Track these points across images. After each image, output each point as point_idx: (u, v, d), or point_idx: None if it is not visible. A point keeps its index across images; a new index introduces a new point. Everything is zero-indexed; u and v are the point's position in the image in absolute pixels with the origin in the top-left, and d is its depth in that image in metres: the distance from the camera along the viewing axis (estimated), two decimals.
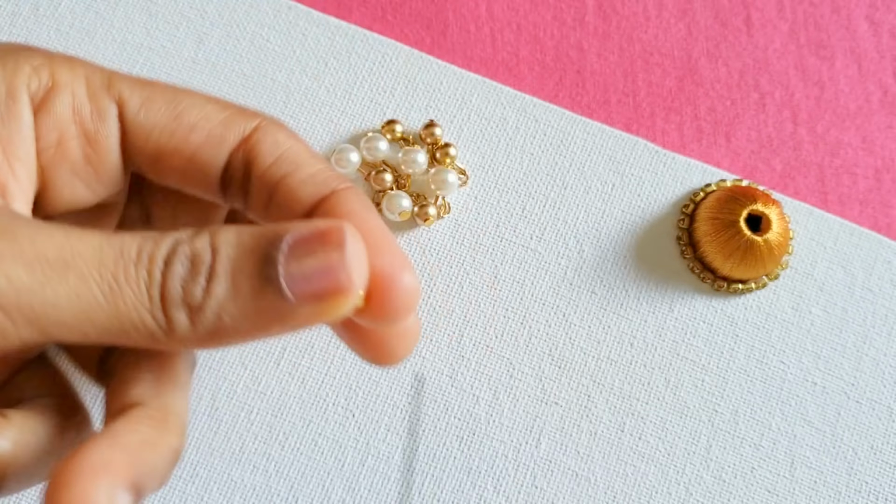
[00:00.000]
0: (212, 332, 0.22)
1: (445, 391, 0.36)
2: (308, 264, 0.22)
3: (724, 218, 0.36)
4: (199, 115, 0.26)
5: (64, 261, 0.21)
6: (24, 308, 0.21)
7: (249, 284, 0.22)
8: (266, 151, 0.26)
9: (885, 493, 0.35)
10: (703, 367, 0.37)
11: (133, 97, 0.26)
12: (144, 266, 0.22)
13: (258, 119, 0.27)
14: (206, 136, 0.26)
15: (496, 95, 0.40)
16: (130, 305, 0.22)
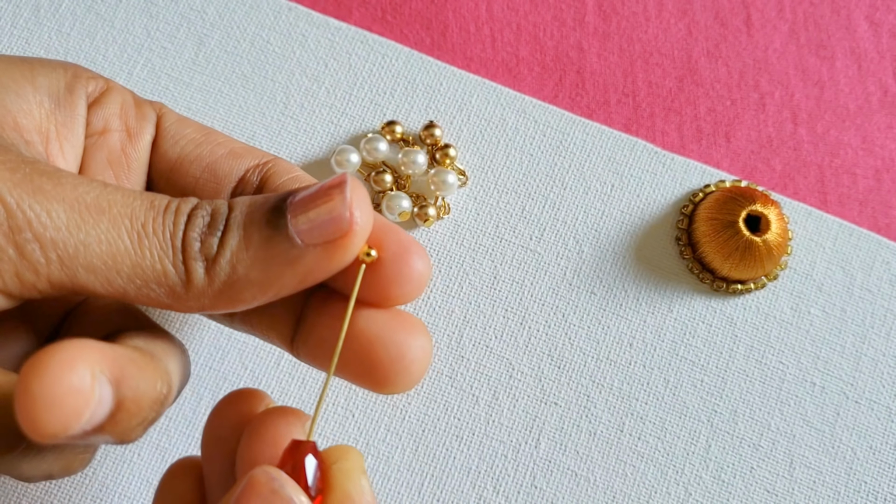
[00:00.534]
0: (227, 283, 0.23)
1: (445, 391, 0.36)
2: (314, 211, 0.23)
3: (723, 218, 0.36)
4: (225, 139, 0.29)
5: (99, 206, 0.23)
6: (58, 244, 0.22)
7: (260, 233, 0.23)
8: (282, 171, 0.28)
9: (883, 492, 0.35)
10: (702, 368, 0.37)
11: (171, 115, 0.30)
12: (171, 217, 0.23)
13: (274, 156, 0.30)
14: (228, 151, 0.29)
15: (496, 96, 0.40)
16: (155, 254, 0.23)
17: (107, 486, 0.34)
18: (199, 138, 0.29)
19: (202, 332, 0.36)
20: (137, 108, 0.29)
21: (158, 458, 0.35)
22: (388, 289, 0.25)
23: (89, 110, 0.28)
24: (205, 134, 0.29)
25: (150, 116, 0.29)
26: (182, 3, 0.40)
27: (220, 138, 0.30)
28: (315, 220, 0.23)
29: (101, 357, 0.21)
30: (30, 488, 0.34)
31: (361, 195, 0.23)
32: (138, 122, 0.29)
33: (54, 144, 0.27)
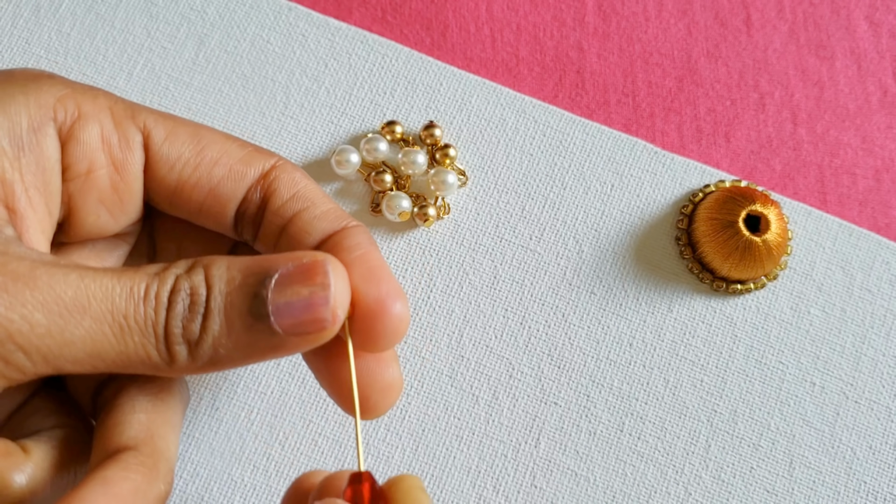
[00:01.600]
0: (209, 362, 0.24)
1: (445, 391, 0.36)
2: (294, 299, 0.23)
3: (722, 218, 0.36)
4: (221, 151, 0.28)
5: (81, 305, 0.23)
6: (42, 349, 0.22)
7: (241, 321, 0.24)
8: (283, 188, 0.28)
9: (883, 492, 0.35)
10: (701, 368, 0.37)
11: (157, 129, 0.27)
12: (151, 305, 0.23)
13: (275, 158, 0.28)
14: (227, 172, 0.28)
15: (496, 96, 0.40)
16: (138, 342, 0.23)
17: None
18: (194, 159, 0.28)
19: None
20: (120, 133, 0.27)
21: None
22: (367, 343, 0.26)
23: (65, 149, 0.26)
24: (199, 150, 0.28)
25: (136, 140, 0.27)
26: (182, 3, 0.40)
27: (216, 152, 0.28)
28: (297, 313, 0.23)
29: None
30: None
31: (341, 285, 0.24)
32: (124, 151, 0.27)
33: (21, 199, 0.25)
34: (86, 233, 0.28)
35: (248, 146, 0.29)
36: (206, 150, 0.28)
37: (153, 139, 0.27)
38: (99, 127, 0.27)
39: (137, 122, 0.27)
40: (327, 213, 0.28)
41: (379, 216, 0.38)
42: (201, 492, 0.34)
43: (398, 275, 0.37)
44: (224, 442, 0.35)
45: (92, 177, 0.27)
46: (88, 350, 0.23)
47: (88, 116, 0.26)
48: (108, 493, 0.23)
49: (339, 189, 0.38)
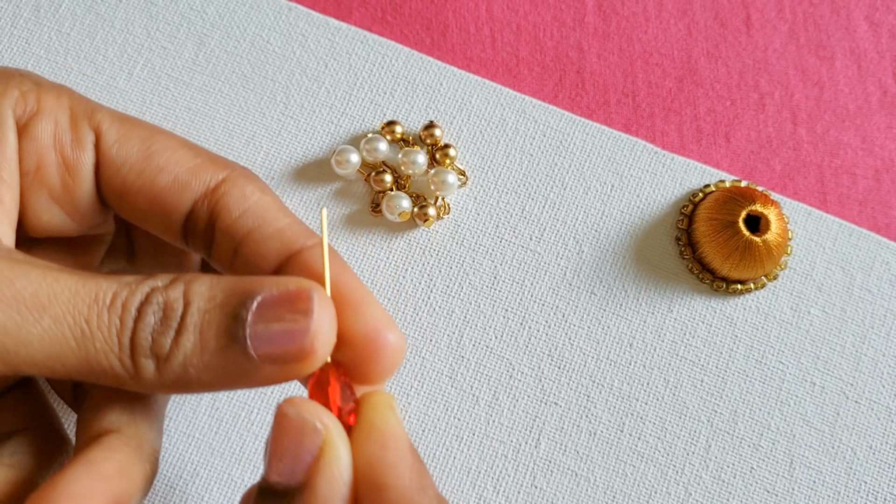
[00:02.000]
0: (176, 381, 0.23)
1: (445, 391, 0.36)
2: (274, 327, 0.22)
3: (722, 218, 0.36)
4: (170, 159, 0.26)
5: (39, 302, 0.21)
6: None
7: (216, 341, 0.22)
8: (232, 204, 0.26)
9: (883, 492, 0.35)
10: (702, 368, 0.37)
11: (111, 130, 0.26)
12: (117, 313, 0.22)
13: (227, 170, 0.27)
14: (171, 180, 0.26)
15: (496, 96, 0.40)
16: (100, 350, 0.22)
17: None
18: (140, 164, 0.26)
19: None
20: (73, 131, 0.26)
21: None
22: (362, 373, 0.24)
23: (20, 142, 0.26)
24: (147, 156, 0.26)
25: (88, 139, 0.26)
26: (182, 3, 0.40)
27: (165, 159, 0.26)
28: (276, 341, 0.22)
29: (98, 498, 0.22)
30: None
31: (326, 317, 0.23)
32: (75, 150, 0.26)
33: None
34: (42, 230, 0.27)
35: (203, 154, 0.27)
36: (155, 157, 0.26)
37: (105, 140, 0.26)
38: (53, 124, 0.26)
39: (93, 121, 0.26)
40: (281, 232, 0.26)
41: (379, 216, 0.38)
42: (201, 492, 0.34)
43: (398, 275, 0.37)
44: (224, 442, 0.35)
45: (41, 174, 0.26)
46: (47, 352, 0.22)
47: (46, 112, 0.26)
48: (92, 473, 0.22)
49: (339, 189, 0.38)
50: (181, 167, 0.26)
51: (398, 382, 0.36)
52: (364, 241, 0.38)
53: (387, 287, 0.37)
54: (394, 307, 0.37)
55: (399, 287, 0.37)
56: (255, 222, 0.26)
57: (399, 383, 0.36)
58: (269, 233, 0.26)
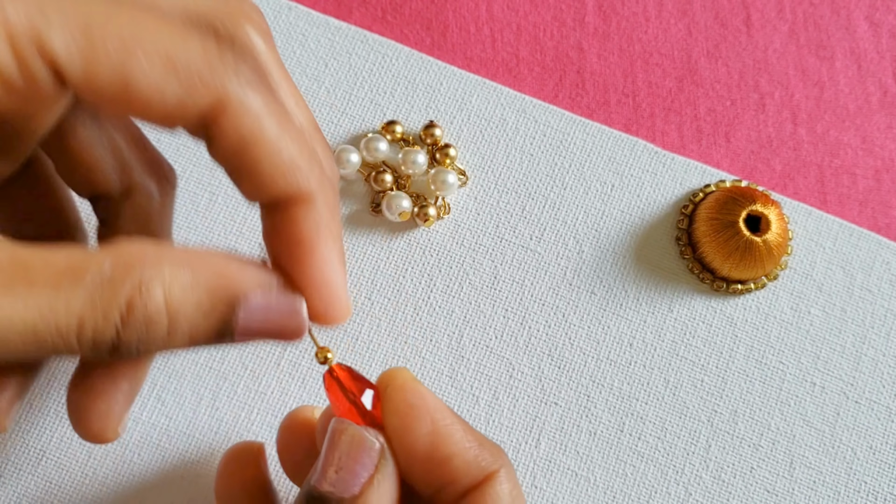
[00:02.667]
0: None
1: (445, 391, 0.36)
2: (261, 325, 0.23)
3: (723, 218, 0.36)
4: (151, 89, 0.22)
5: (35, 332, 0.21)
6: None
7: (205, 339, 0.23)
8: (226, 140, 0.23)
9: (883, 492, 0.35)
10: (702, 368, 0.37)
11: (72, 61, 0.21)
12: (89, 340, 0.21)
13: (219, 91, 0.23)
14: (159, 114, 0.23)
15: (496, 96, 0.40)
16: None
17: (107, 485, 0.34)
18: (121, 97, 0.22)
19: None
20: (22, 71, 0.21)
21: (158, 459, 0.35)
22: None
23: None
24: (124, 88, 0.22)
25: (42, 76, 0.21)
26: None
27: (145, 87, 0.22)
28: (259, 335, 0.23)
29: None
30: (29, 488, 0.34)
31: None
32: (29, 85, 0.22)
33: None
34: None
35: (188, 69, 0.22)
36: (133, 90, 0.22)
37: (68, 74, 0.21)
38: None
39: (45, 52, 0.21)
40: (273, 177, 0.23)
41: (379, 216, 0.38)
42: (201, 492, 0.34)
43: (398, 275, 0.37)
44: (224, 442, 0.35)
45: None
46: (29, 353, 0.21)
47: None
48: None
49: (339, 189, 0.38)
50: (166, 95, 0.22)
51: None
52: (364, 241, 0.38)
53: (387, 287, 0.37)
54: (394, 307, 0.37)
55: (399, 287, 0.37)
56: (249, 162, 0.23)
57: None
58: (263, 174, 0.24)
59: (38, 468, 0.34)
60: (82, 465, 0.34)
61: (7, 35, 0.21)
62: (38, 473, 0.34)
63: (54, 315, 0.20)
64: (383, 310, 0.37)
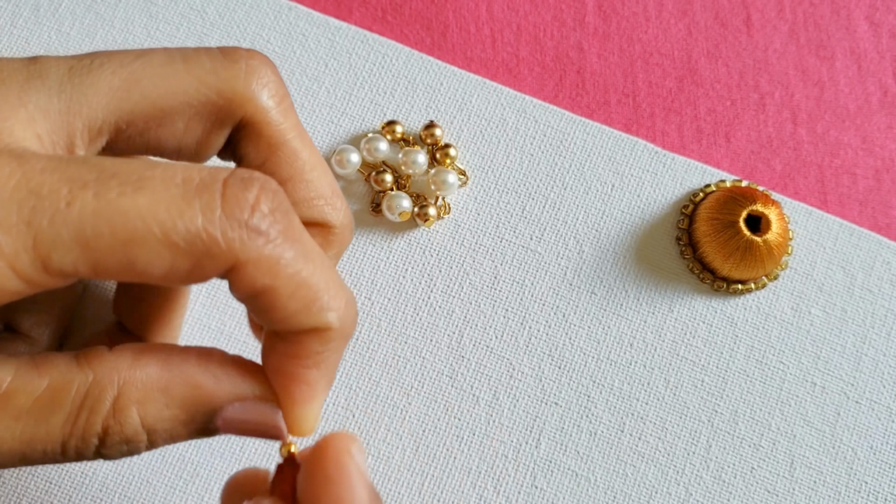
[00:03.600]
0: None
1: (445, 391, 0.36)
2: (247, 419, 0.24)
3: (723, 218, 0.36)
4: (162, 268, 0.21)
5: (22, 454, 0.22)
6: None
7: (189, 438, 0.24)
8: (245, 290, 0.22)
9: (884, 493, 0.35)
10: (702, 368, 0.37)
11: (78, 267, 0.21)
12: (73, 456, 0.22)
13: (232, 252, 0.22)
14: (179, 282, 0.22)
15: (496, 96, 0.40)
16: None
17: (107, 485, 0.34)
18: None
19: (202, 333, 0.36)
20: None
21: (159, 459, 0.35)
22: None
23: None
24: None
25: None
26: (182, 3, 0.40)
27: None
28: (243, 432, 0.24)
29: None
30: (29, 488, 0.34)
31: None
32: None
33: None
34: None
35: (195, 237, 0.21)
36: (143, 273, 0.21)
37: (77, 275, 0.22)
38: None
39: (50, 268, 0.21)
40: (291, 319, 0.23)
41: (379, 216, 0.38)
42: (201, 492, 0.34)
43: (398, 275, 0.37)
44: (224, 442, 0.35)
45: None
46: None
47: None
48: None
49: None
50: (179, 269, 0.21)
51: (399, 383, 0.36)
52: (364, 241, 0.38)
53: (387, 287, 0.37)
54: (394, 307, 0.37)
55: (399, 287, 0.37)
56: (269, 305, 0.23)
57: (399, 383, 0.36)
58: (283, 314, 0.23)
59: (38, 468, 0.34)
60: (82, 465, 0.34)
61: (8, 265, 0.20)
62: (37, 473, 0.34)
63: (39, 442, 0.22)
64: (383, 310, 0.37)
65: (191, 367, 0.23)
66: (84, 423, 0.22)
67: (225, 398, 0.23)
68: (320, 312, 0.23)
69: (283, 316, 0.23)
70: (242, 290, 0.22)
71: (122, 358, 0.23)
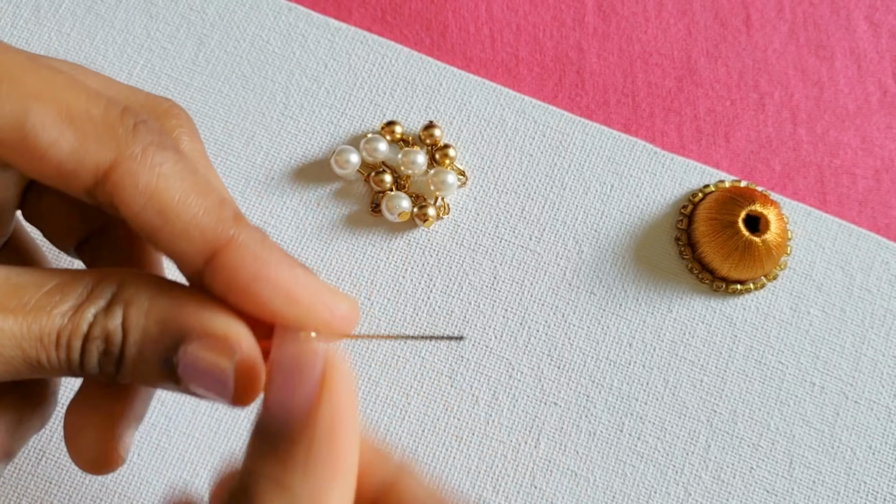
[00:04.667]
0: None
1: (445, 391, 0.36)
2: (201, 366, 0.23)
3: (722, 219, 0.36)
4: (48, 140, 0.22)
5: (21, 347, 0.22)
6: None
7: (151, 373, 0.23)
8: (128, 199, 0.22)
9: (883, 492, 0.35)
10: (701, 368, 0.37)
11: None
12: (64, 351, 0.23)
13: (117, 148, 0.22)
14: (56, 168, 0.22)
15: (495, 97, 0.40)
16: (50, 372, 0.23)
17: (107, 486, 0.34)
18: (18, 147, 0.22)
19: None
20: None
21: (158, 458, 0.35)
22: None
23: None
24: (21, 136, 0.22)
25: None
26: (182, 4, 0.40)
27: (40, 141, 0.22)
28: (203, 381, 0.23)
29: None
30: (29, 488, 0.34)
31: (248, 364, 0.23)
32: None
33: None
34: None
35: (85, 125, 0.22)
36: (30, 139, 0.22)
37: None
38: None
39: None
40: (191, 229, 0.23)
41: (379, 216, 0.38)
42: (201, 492, 0.34)
43: (398, 275, 0.37)
44: (224, 442, 0.35)
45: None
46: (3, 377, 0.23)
47: None
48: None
49: (339, 189, 0.38)
50: (62, 152, 0.22)
51: (399, 383, 0.36)
52: (364, 241, 0.38)
53: (387, 287, 0.37)
54: (394, 307, 0.37)
55: (399, 287, 0.37)
56: (157, 221, 0.23)
57: (399, 383, 0.36)
58: (176, 232, 0.23)
59: (38, 468, 0.34)
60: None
61: None
62: (38, 473, 0.34)
63: (38, 334, 0.22)
64: (383, 310, 0.37)
65: (181, 290, 0.23)
66: (76, 312, 0.23)
67: (196, 328, 0.23)
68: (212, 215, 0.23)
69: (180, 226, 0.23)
70: (125, 199, 0.22)
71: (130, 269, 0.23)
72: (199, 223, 0.23)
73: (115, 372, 0.23)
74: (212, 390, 0.23)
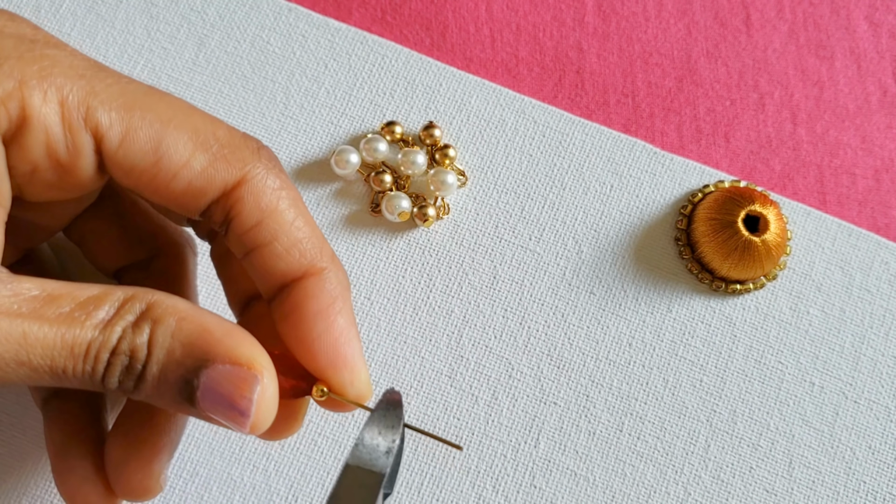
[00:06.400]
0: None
1: (445, 391, 0.36)
2: (221, 393, 0.24)
3: (722, 219, 0.36)
4: (181, 161, 0.25)
5: (20, 361, 0.23)
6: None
7: (170, 395, 0.24)
8: (246, 214, 0.26)
9: (882, 492, 0.35)
10: (701, 368, 0.37)
11: (112, 130, 0.25)
12: (90, 364, 0.23)
13: (244, 168, 0.26)
14: (186, 186, 0.25)
15: (495, 97, 0.40)
16: (72, 382, 0.24)
17: None
18: (150, 170, 0.25)
19: None
20: (68, 138, 0.24)
21: None
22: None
23: (9, 150, 0.24)
24: (156, 160, 0.25)
25: (86, 145, 0.25)
26: (182, 4, 0.40)
27: (175, 162, 0.25)
28: (220, 409, 0.24)
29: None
30: (29, 487, 0.34)
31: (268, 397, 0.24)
32: (73, 156, 0.25)
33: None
34: (38, 198, 0.26)
35: (216, 143, 0.26)
36: (164, 160, 0.25)
37: (107, 143, 0.25)
38: (45, 134, 0.24)
39: (91, 121, 0.24)
40: (289, 251, 0.26)
41: (379, 216, 0.38)
42: (201, 492, 0.34)
43: (398, 275, 0.37)
44: (224, 442, 0.35)
45: (38, 174, 0.25)
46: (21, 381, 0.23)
47: (34, 120, 0.24)
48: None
49: (338, 189, 0.38)
50: (194, 171, 0.25)
51: (398, 383, 0.36)
52: (364, 241, 0.38)
53: (387, 287, 0.37)
54: (394, 307, 0.37)
55: (399, 287, 0.37)
56: (267, 237, 0.26)
57: (399, 383, 0.36)
58: (280, 250, 0.26)
59: (38, 468, 0.34)
60: None
61: (60, 101, 0.24)
62: (38, 473, 0.34)
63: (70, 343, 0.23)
64: (383, 310, 0.37)
65: (210, 317, 0.24)
66: (105, 327, 0.23)
67: (221, 353, 0.24)
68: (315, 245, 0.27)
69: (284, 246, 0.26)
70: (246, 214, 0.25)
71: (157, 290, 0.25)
72: (302, 248, 0.26)
73: (133, 388, 0.24)
74: (228, 417, 0.24)
